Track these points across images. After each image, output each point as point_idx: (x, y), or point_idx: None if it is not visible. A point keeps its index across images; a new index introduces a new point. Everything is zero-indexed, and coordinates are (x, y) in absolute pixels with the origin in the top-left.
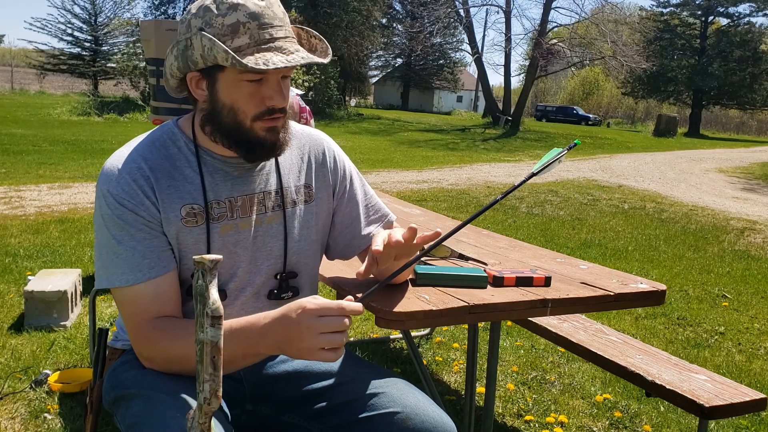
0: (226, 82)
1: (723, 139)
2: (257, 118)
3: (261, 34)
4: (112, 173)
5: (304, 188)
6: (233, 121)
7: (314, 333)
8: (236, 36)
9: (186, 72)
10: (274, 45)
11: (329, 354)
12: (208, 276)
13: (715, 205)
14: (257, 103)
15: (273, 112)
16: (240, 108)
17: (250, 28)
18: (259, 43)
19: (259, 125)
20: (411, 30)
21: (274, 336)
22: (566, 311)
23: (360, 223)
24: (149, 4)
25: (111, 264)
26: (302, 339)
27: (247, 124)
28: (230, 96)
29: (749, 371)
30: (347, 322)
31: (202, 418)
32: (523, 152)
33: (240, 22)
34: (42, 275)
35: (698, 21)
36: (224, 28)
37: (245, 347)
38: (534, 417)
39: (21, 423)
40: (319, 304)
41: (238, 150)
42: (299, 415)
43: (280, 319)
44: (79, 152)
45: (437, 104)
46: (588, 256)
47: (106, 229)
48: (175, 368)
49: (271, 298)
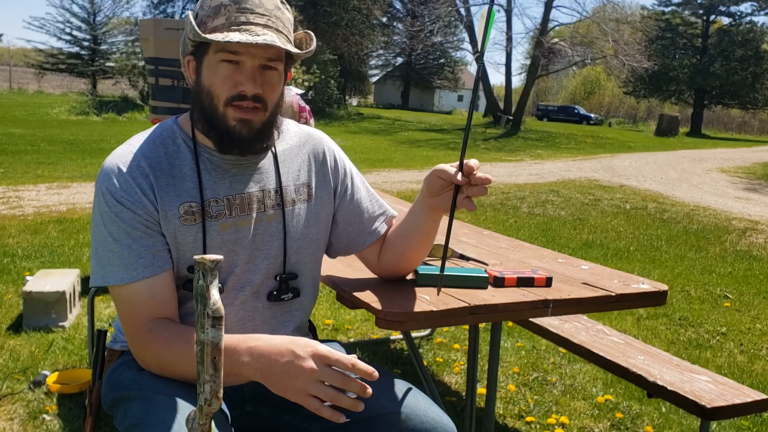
0: (207, 65)
1: (725, 139)
2: (228, 103)
3: (237, 16)
4: (111, 171)
5: (304, 187)
6: (209, 104)
7: (314, 377)
8: (216, 17)
9: (185, 56)
10: (245, 27)
11: (312, 401)
12: (208, 276)
13: (717, 205)
14: (230, 86)
15: (243, 98)
16: (215, 91)
17: (230, 10)
18: (231, 23)
19: (231, 113)
20: (411, 29)
21: (269, 363)
22: (567, 312)
23: (364, 220)
24: (148, 3)
25: (107, 262)
26: (298, 377)
27: (220, 109)
28: (209, 78)
29: (751, 372)
30: (349, 382)
31: (203, 419)
32: (524, 152)
33: (222, 4)
34: (40, 275)
35: (700, 20)
36: (209, 10)
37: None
38: (535, 418)
39: (19, 424)
40: (332, 353)
41: (211, 138)
42: (299, 416)
43: (283, 350)
44: (77, 152)
45: (438, 103)
46: (589, 256)
47: (104, 227)
48: (166, 373)
49: (271, 299)
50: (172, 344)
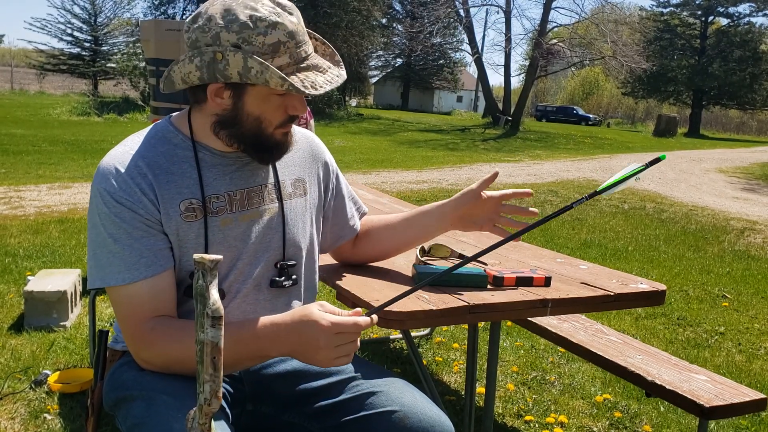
0: (256, 96)
1: (723, 139)
2: (279, 126)
3: (298, 53)
4: (108, 172)
5: (300, 182)
6: (256, 128)
7: (330, 347)
8: (276, 55)
9: (209, 83)
10: (310, 63)
11: (343, 360)
12: (208, 276)
13: (715, 205)
14: (283, 112)
15: (294, 119)
16: (266, 118)
17: (290, 47)
18: (297, 62)
19: (279, 131)
20: (411, 30)
21: (288, 344)
22: (566, 311)
23: (347, 216)
24: (149, 4)
25: (106, 263)
26: (318, 352)
27: (269, 131)
28: (259, 108)
29: (749, 371)
30: (357, 334)
31: (202, 419)
32: (523, 152)
33: (281, 41)
34: (42, 275)
35: (698, 21)
36: (265, 47)
37: (253, 350)
38: (534, 417)
39: (21, 423)
40: (332, 322)
41: (253, 153)
42: (299, 415)
43: (293, 331)
44: (78, 152)
45: (437, 104)
46: (588, 256)
47: (102, 228)
48: (174, 369)
49: (273, 286)
50: (179, 340)
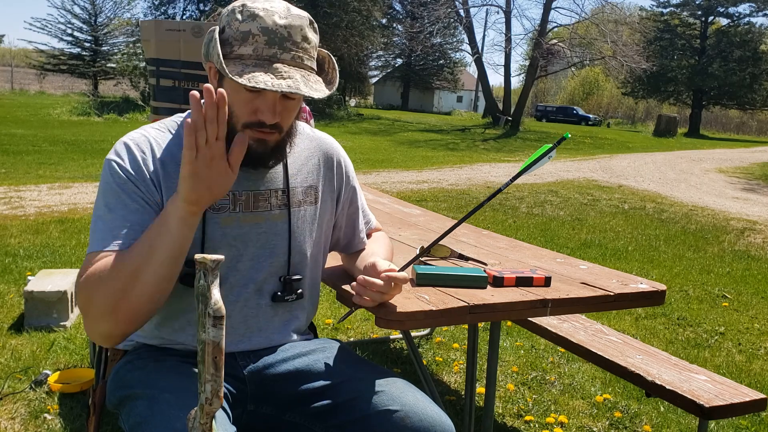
0: (230, 84)
1: (723, 140)
2: (247, 126)
3: (264, 50)
4: (121, 148)
5: (312, 190)
6: (229, 121)
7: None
8: (243, 44)
9: (207, 61)
10: (272, 66)
11: None
12: (209, 276)
13: (715, 205)
14: (250, 112)
15: (263, 125)
16: (234, 111)
17: (258, 41)
18: (259, 57)
19: (249, 134)
20: (411, 30)
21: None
22: (566, 311)
23: (359, 226)
24: (149, 4)
25: (96, 231)
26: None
27: (237, 128)
28: (230, 96)
29: (749, 371)
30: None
31: (203, 419)
32: (523, 152)
33: (251, 32)
34: (42, 275)
35: (698, 21)
36: (237, 33)
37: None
38: (534, 417)
39: (21, 423)
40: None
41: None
42: (300, 415)
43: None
44: (79, 152)
45: (437, 104)
46: (588, 256)
47: (102, 198)
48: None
49: (276, 300)
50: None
